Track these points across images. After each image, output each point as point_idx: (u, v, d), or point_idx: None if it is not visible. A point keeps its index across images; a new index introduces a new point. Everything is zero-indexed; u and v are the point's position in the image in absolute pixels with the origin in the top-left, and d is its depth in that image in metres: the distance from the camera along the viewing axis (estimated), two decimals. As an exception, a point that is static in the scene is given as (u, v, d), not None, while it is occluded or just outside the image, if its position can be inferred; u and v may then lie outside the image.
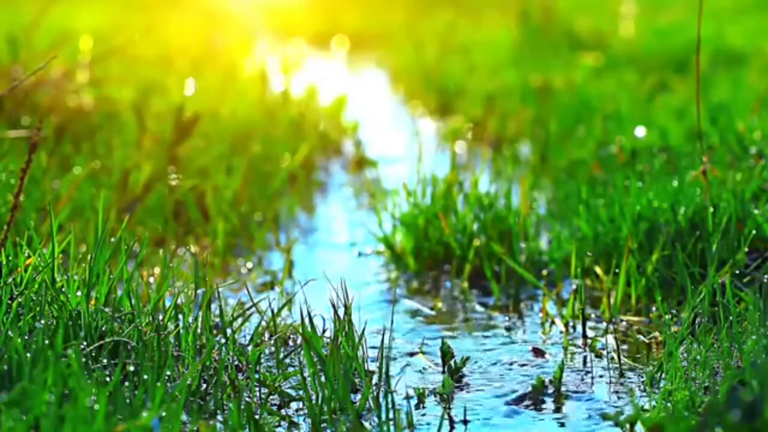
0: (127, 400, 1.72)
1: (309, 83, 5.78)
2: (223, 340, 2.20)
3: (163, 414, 1.63)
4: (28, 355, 1.75)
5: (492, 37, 8.10)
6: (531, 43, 7.43)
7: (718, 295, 2.20)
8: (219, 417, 1.94)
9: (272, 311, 2.29)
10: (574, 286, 2.57)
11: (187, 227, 3.35)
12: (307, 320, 2.08)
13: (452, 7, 11.04)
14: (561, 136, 4.41)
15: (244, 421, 1.77)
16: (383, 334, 2.13)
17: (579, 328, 2.50)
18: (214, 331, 2.28)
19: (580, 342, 2.42)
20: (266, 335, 2.33)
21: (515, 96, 5.52)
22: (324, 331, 2.31)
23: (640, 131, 3.88)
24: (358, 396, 2.07)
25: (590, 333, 2.46)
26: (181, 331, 2.11)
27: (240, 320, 2.34)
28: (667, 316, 2.38)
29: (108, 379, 1.83)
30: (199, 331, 2.17)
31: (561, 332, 2.49)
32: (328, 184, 4.33)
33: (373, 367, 2.17)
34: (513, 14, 8.61)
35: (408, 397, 2.08)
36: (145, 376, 1.77)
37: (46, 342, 1.80)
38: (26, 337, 1.88)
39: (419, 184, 3.09)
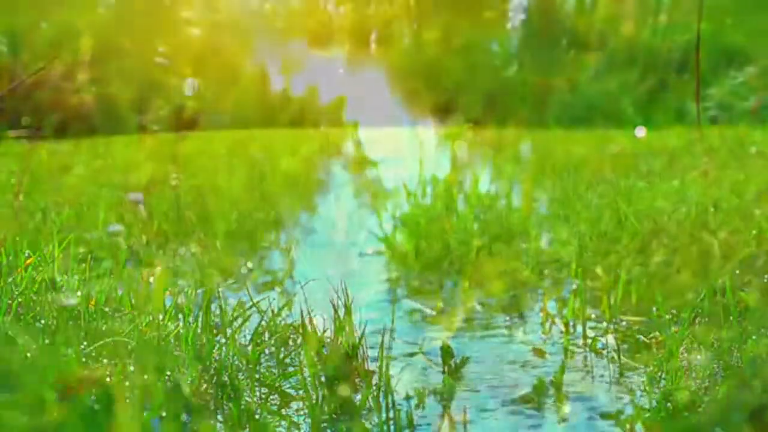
0: (127, 400, 1.72)
1: (309, 83, 5.77)
2: (223, 340, 2.20)
3: (163, 414, 1.63)
4: (28, 355, 1.75)
5: (492, 37, 8.08)
6: (531, 43, 7.42)
7: (718, 295, 2.20)
8: (219, 417, 1.94)
9: (272, 311, 2.29)
10: (574, 286, 2.57)
11: (187, 227, 3.35)
12: (307, 320, 2.08)
13: (452, 6, 11.03)
14: (561, 135, 4.41)
15: (244, 421, 1.77)
16: (383, 334, 2.13)
17: (579, 328, 2.50)
18: (214, 331, 2.28)
19: (580, 342, 2.42)
20: (266, 335, 2.33)
21: (515, 96, 5.51)
22: (324, 331, 2.31)
23: (640, 131, 3.88)
24: (358, 396, 2.07)
25: (590, 333, 2.46)
26: (181, 331, 2.11)
27: (240, 320, 2.34)
28: (667, 316, 2.38)
29: (108, 378, 1.82)
30: (199, 331, 2.17)
31: (561, 332, 2.49)
32: (329, 184, 4.33)
33: (373, 367, 2.17)
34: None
35: (408, 397, 2.08)
36: (145, 376, 1.77)
37: (46, 342, 1.80)
38: (26, 337, 1.88)
39: (419, 184, 3.08)
